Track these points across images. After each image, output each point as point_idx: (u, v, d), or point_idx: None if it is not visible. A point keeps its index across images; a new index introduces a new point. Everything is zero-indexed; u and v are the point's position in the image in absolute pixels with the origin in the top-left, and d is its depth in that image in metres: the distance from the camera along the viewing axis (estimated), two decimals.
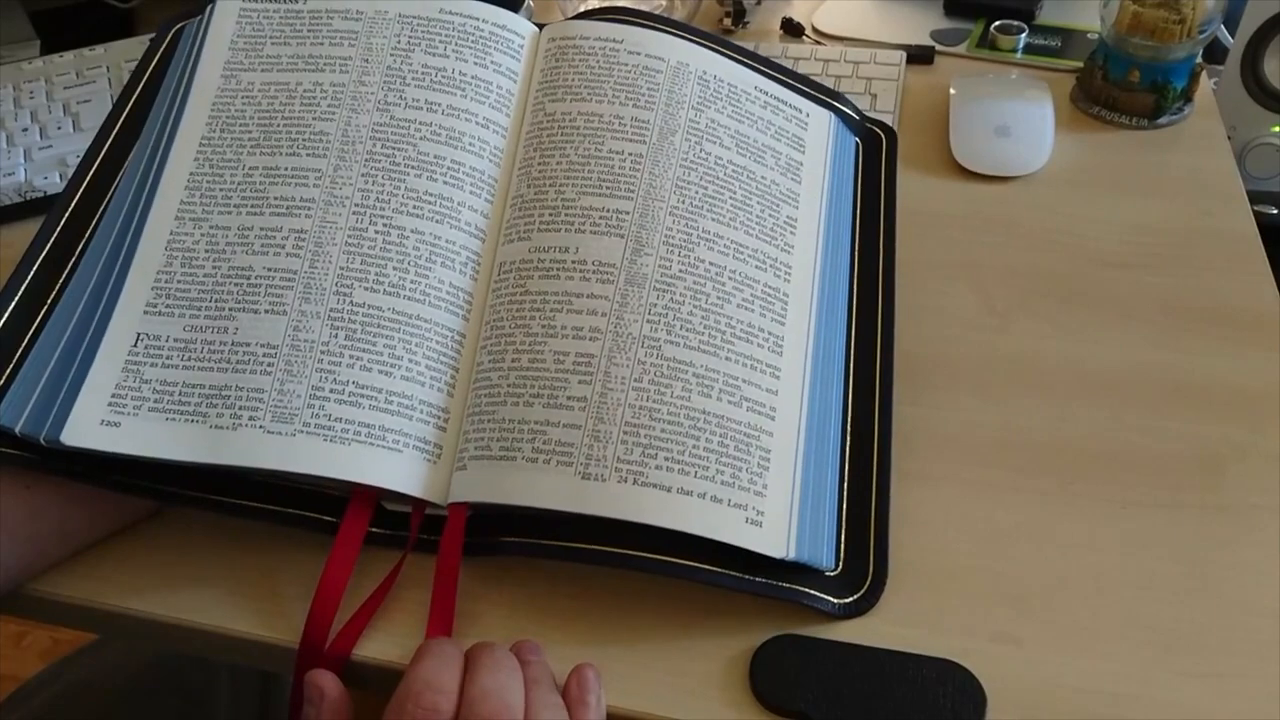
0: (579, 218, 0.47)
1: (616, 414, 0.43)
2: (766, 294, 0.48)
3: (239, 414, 0.44)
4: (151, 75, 0.55)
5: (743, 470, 0.43)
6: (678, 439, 0.43)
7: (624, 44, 0.52)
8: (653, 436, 0.43)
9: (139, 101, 0.54)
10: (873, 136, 0.57)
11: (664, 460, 0.42)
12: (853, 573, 0.44)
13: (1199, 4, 0.65)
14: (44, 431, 0.43)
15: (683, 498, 0.42)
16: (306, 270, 0.46)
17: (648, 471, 0.42)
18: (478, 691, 0.37)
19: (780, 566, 0.43)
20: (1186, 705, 0.41)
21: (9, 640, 1.27)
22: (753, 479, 0.43)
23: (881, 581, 0.44)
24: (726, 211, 0.49)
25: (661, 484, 0.42)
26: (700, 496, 0.42)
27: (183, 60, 0.53)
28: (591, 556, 0.43)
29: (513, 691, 0.38)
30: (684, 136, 0.50)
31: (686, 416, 0.43)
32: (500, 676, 0.38)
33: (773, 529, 0.43)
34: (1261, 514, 0.47)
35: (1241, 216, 0.61)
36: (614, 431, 0.43)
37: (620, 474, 0.42)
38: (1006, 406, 0.52)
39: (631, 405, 0.43)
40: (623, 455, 0.43)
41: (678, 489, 0.42)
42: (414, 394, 0.45)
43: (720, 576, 0.43)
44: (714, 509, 0.42)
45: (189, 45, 0.54)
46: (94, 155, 0.52)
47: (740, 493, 0.43)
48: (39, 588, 0.46)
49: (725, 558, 0.43)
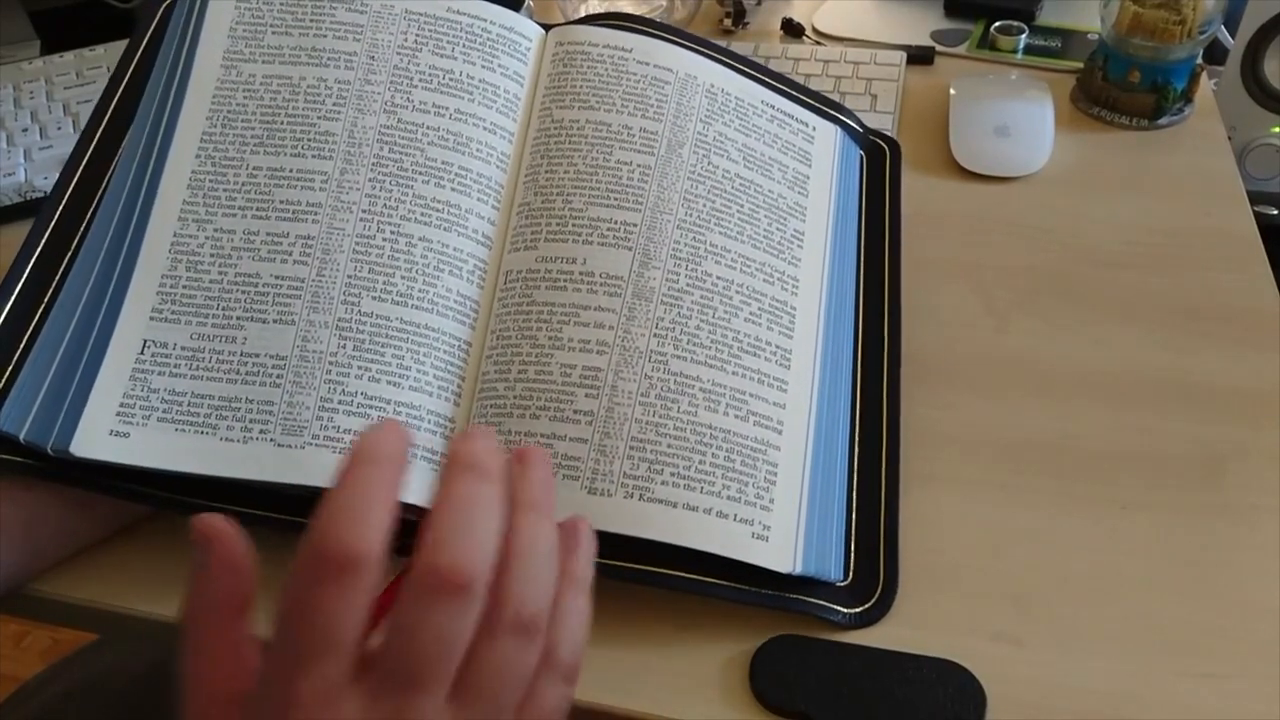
0: (586, 229, 0.47)
1: (623, 429, 0.43)
2: (774, 308, 0.48)
3: (249, 427, 0.44)
4: (143, 56, 0.52)
5: (749, 485, 0.43)
6: (684, 454, 0.43)
7: (633, 53, 0.51)
8: (659, 452, 0.43)
9: (129, 87, 0.52)
10: (876, 149, 0.58)
11: (670, 476, 0.42)
12: (863, 583, 0.44)
13: (1199, 4, 0.65)
14: (51, 440, 0.43)
15: (688, 513, 0.42)
16: (314, 278, 0.46)
17: (654, 487, 0.42)
18: None
19: (789, 578, 0.43)
20: (1186, 705, 0.41)
21: (9, 640, 1.27)
22: (759, 493, 0.43)
23: (892, 591, 0.44)
24: (734, 225, 0.48)
25: (667, 499, 0.42)
26: (706, 512, 0.42)
27: (176, 43, 0.51)
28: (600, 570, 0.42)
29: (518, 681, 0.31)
30: (692, 149, 0.49)
31: (693, 431, 0.43)
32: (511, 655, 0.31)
33: (779, 543, 0.43)
34: (1261, 514, 0.47)
35: (1241, 216, 0.61)
36: (620, 446, 0.43)
37: (626, 489, 0.42)
38: (1006, 406, 0.52)
39: (638, 420, 0.43)
40: (629, 470, 0.42)
41: (684, 504, 0.42)
42: (422, 404, 0.45)
43: (728, 590, 0.43)
44: (720, 524, 0.42)
45: (181, 27, 0.51)
46: (85, 145, 0.50)
47: (747, 508, 0.43)
48: (39, 588, 0.46)
49: (734, 570, 0.43)
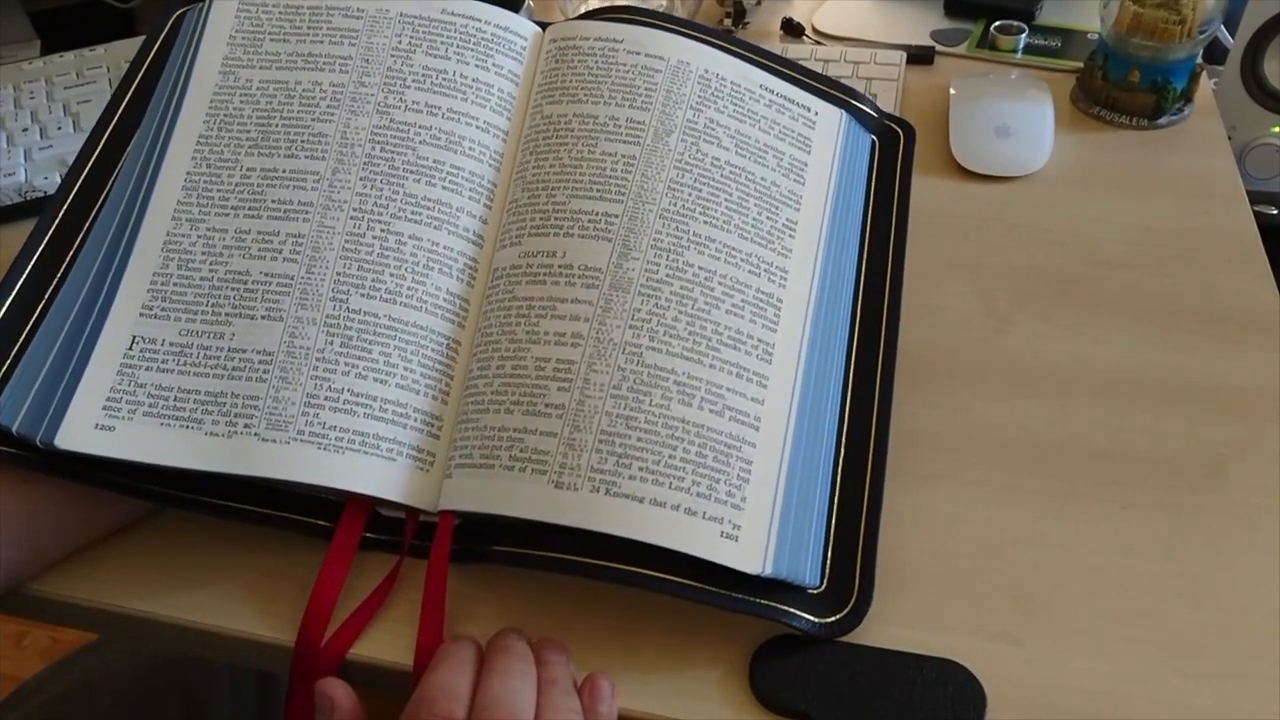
0: (568, 221, 0.47)
1: (593, 422, 0.42)
2: (759, 299, 0.46)
3: (234, 421, 0.44)
4: (151, 65, 0.54)
5: (720, 482, 0.42)
6: (654, 448, 0.42)
7: (623, 44, 0.51)
8: (628, 445, 0.42)
9: (137, 93, 0.53)
10: (890, 134, 0.56)
11: (638, 470, 0.41)
12: (837, 591, 0.43)
13: (1199, 4, 0.65)
14: (39, 433, 0.43)
15: (655, 509, 0.41)
16: (303, 276, 0.46)
17: (620, 481, 0.41)
18: (488, 698, 0.37)
19: (763, 582, 0.42)
20: (1186, 705, 0.41)
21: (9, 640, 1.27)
22: (731, 491, 0.42)
23: (867, 601, 0.43)
24: (720, 214, 0.47)
25: (634, 494, 0.41)
26: (673, 508, 0.41)
27: (182, 52, 0.52)
28: (572, 567, 0.42)
29: (523, 697, 0.38)
30: (680, 137, 0.49)
31: (665, 425, 0.42)
32: (512, 682, 0.38)
33: (749, 544, 0.41)
34: (1261, 514, 0.47)
35: (1241, 216, 0.61)
36: (589, 440, 0.42)
37: (593, 483, 0.41)
38: (1006, 406, 0.52)
39: (609, 413, 0.43)
40: (596, 464, 0.42)
41: (650, 500, 0.41)
42: (408, 402, 0.45)
43: (699, 591, 0.41)
44: (687, 521, 0.41)
45: (188, 36, 0.53)
46: (91, 148, 0.51)
47: (717, 505, 0.42)
48: (39, 588, 0.46)
49: (709, 571, 0.41)
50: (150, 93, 0.52)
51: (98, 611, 0.46)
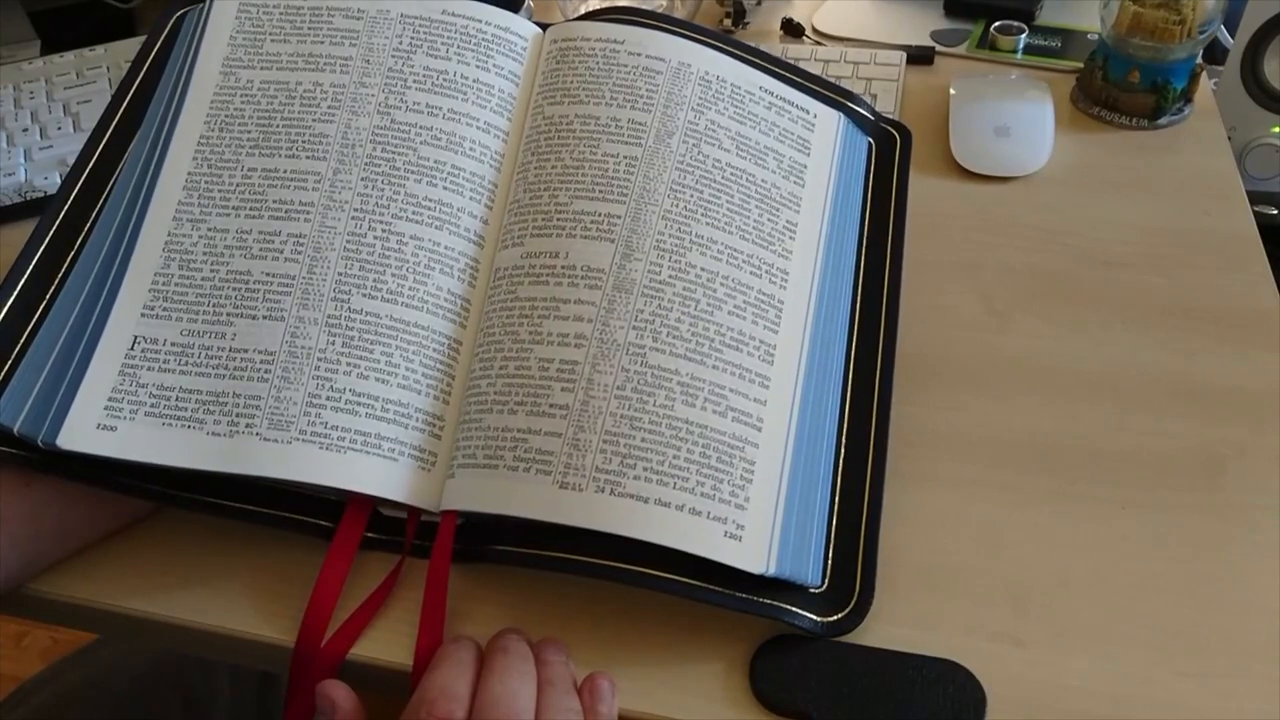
0: (570, 222, 0.47)
1: (597, 422, 0.43)
2: (760, 300, 0.47)
3: (235, 421, 0.44)
4: (152, 65, 0.54)
5: (724, 482, 0.42)
6: (658, 449, 0.42)
7: (625, 45, 0.51)
8: (632, 446, 0.42)
9: (138, 93, 0.53)
10: (887, 136, 0.56)
11: (642, 470, 0.42)
12: (838, 590, 0.43)
13: (1199, 4, 0.65)
14: (41, 433, 0.43)
15: (659, 509, 0.41)
16: (305, 276, 0.46)
17: (625, 482, 0.42)
18: (488, 698, 0.37)
19: (764, 581, 0.42)
20: (1186, 705, 0.41)
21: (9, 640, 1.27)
22: (734, 491, 0.42)
23: (868, 600, 0.43)
24: (722, 216, 0.48)
25: (638, 494, 0.41)
26: (678, 508, 0.41)
27: (182, 52, 0.53)
28: (576, 567, 0.42)
29: (523, 697, 0.38)
30: (681, 139, 0.49)
31: (669, 426, 0.43)
32: (511, 682, 0.38)
33: (753, 543, 0.42)
34: (1261, 514, 0.47)
35: (1241, 216, 0.61)
36: (594, 440, 0.42)
37: (597, 484, 0.42)
38: (1007, 406, 0.52)
39: (613, 414, 0.43)
40: (601, 465, 0.42)
41: (655, 500, 0.41)
42: (410, 401, 0.45)
43: (703, 591, 0.42)
44: (691, 521, 0.41)
45: (189, 37, 0.53)
46: (92, 149, 0.52)
47: (720, 505, 0.42)
48: (39, 588, 0.46)
49: (711, 570, 0.42)
50: (151, 93, 0.53)
51: (98, 611, 0.46)
